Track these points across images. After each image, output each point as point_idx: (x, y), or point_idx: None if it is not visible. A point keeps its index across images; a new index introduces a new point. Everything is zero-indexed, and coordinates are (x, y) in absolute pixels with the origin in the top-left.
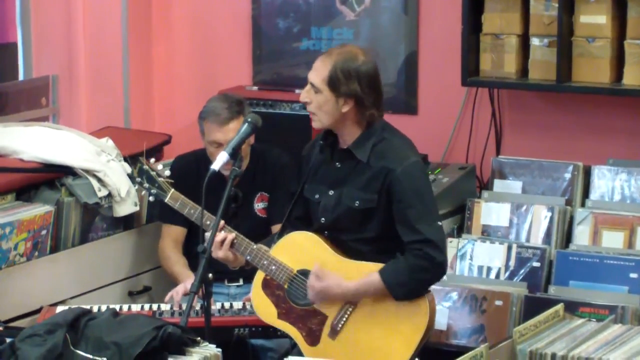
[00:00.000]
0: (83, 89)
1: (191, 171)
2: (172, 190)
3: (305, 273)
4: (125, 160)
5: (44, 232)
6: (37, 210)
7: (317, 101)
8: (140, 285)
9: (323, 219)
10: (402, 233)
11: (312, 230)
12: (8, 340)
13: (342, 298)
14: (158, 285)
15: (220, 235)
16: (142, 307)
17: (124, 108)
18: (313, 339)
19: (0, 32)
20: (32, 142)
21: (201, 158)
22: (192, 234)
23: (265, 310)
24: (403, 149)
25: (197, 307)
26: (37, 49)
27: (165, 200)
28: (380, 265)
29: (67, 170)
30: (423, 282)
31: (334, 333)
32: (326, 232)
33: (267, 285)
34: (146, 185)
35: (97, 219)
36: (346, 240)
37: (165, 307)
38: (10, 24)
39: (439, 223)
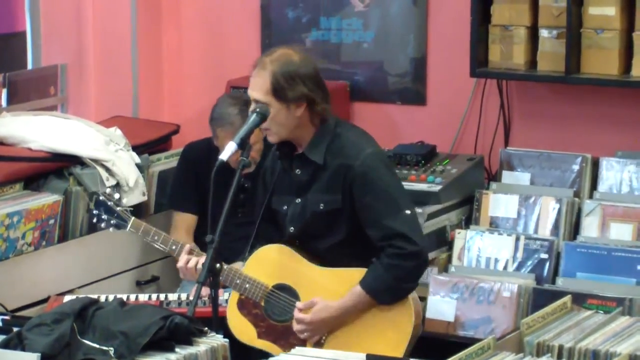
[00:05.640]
0: (92, 79)
1: (202, 159)
2: (133, 218)
3: (281, 288)
4: (134, 149)
5: (51, 221)
6: (45, 200)
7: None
8: (148, 275)
9: (292, 228)
10: (370, 233)
11: (283, 242)
12: (15, 329)
13: (334, 320)
14: (166, 275)
15: (193, 261)
16: (150, 297)
17: (133, 97)
18: None
19: (9, 21)
20: (40, 131)
21: (212, 146)
22: (203, 222)
23: (244, 331)
24: (358, 142)
25: (205, 297)
26: (46, 38)
27: (127, 230)
28: (360, 270)
29: (76, 160)
30: (404, 279)
31: (319, 346)
32: (297, 242)
33: (243, 305)
34: (104, 217)
35: None
36: (320, 248)
37: (172, 297)
38: (19, 13)
39: (407, 212)
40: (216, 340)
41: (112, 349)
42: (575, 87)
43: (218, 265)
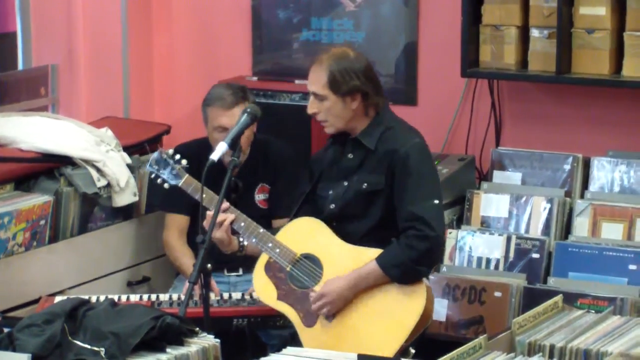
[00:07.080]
0: (82, 79)
1: (192, 160)
2: (187, 175)
3: (308, 257)
4: (125, 150)
5: (42, 222)
6: (36, 200)
7: (325, 108)
8: (139, 276)
9: (333, 205)
10: (397, 214)
11: (320, 218)
12: (6, 330)
13: (348, 289)
14: (157, 276)
15: (220, 216)
16: (141, 298)
17: (124, 98)
18: (310, 321)
19: None
20: (31, 131)
21: (203, 147)
22: (195, 222)
23: (266, 292)
24: (407, 134)
25: (196, 297)
26: (37, 39)
27: (179, 184)
28: (380, 250)
29: (66, 160)
30: (415, 259)
31: (331, 316)
32: (334, 223)
33: (269, 267)
34: (161, 172)
35: (96, 209)
36: (354, 231)
37: (164, 297)
38: (9, 13)
39: (435, 201)
40: (207, 340)
41: (103, 349)
42: (566, 87)
43: (209, 265)
